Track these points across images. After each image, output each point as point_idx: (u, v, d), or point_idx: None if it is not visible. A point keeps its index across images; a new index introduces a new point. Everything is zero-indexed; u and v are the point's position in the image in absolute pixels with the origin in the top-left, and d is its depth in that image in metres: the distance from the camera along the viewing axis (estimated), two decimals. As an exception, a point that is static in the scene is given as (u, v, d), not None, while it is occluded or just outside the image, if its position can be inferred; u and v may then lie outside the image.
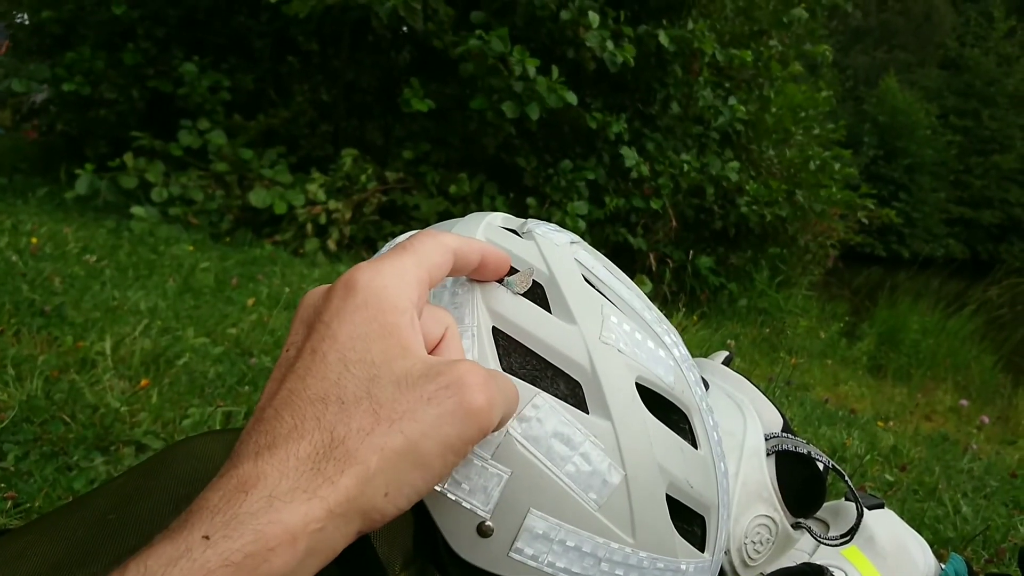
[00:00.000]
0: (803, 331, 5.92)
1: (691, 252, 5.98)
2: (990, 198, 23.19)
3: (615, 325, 0.48)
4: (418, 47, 5.77)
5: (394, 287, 0.33)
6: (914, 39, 30.65)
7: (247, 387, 1.79)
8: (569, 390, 0.45)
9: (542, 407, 0.43)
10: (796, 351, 5.26)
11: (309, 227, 4.77)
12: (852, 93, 25.63)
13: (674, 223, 5.84)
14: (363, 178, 5.12)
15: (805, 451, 0.76)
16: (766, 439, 0.79)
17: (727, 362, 0.93)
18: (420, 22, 4.74)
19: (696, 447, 0.50)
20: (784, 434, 0.80)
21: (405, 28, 5.25)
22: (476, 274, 0.43)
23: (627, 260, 5.87)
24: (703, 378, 0.87)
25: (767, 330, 5.70)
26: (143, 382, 1.63)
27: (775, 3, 5.99)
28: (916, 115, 21.23)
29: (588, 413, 0.44)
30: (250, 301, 2.69)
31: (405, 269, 0.34)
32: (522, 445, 0.42)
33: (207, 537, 0.25)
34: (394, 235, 5.34)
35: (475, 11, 5.07)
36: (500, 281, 0.44)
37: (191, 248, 3.91)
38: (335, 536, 0.29)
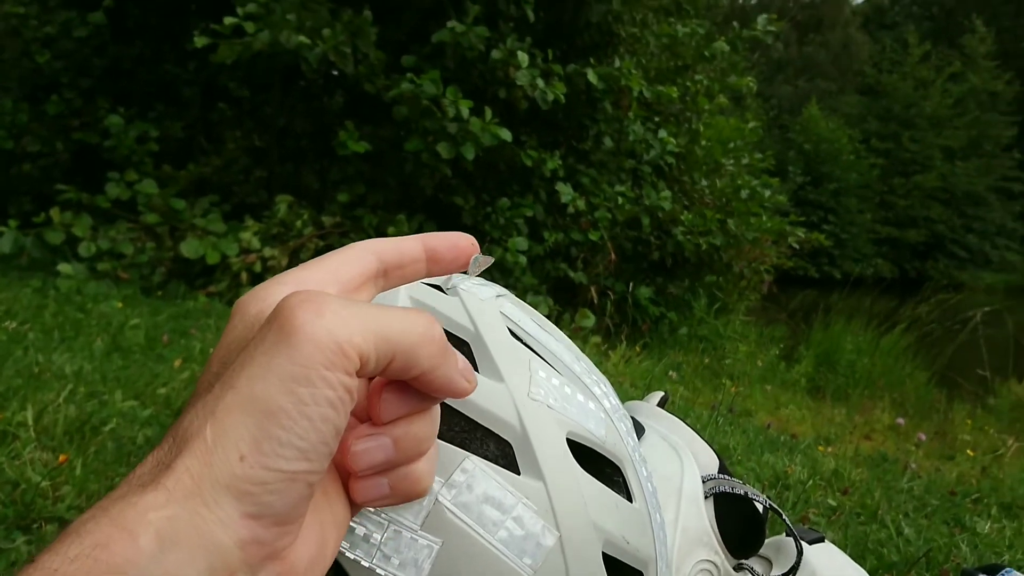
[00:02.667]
0: (743, 356, 6.03)
1: (631, 283, 6.06)
2: (914, 217, 24.13)
3: (544, 380, 0.47)
4: (350, 91, 5.77)
5: (340, 329, 0.29)
6: (833, 68, 31.99)
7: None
8: (500, 451, 0.44)
9: (471, 471, 0.42)
10: (737, 377, 5.34)
11: (244, 276, 4.68)
12: (777, 122, 26.51)
13: (613, 255, 5.91)
14: (299, 224, 5.06)
15: (742, 492, 0.77)
16: (703, 481, 0.79)
17: (663, 403, 0.93)
18: (351, 66, 4.75)
19: (631, 500, 0.49)
20: (721, 475, 0.81)
21: (336, 72, 5.25)
22: (435, 266, 0.41)
23: (569, 294, 5.91)
24: (639, 422, 0.87)
25: (708, 357, 5.78)
26: (61, 458, 1.56)
27: (698, 39, 6.17)
28: (839, 141, 22.05)
29: (519, 474, 0.44)
30: (177, 362, 2.61)
31: (356, 309, 0.30)
32: (452, 513, 0.41)
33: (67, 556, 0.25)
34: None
35: (406, 55, 5.10)
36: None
37: (120, 305, 3.79)
38: (196, 521, 0.26)
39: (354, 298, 0.37)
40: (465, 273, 0.42)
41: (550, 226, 5.66)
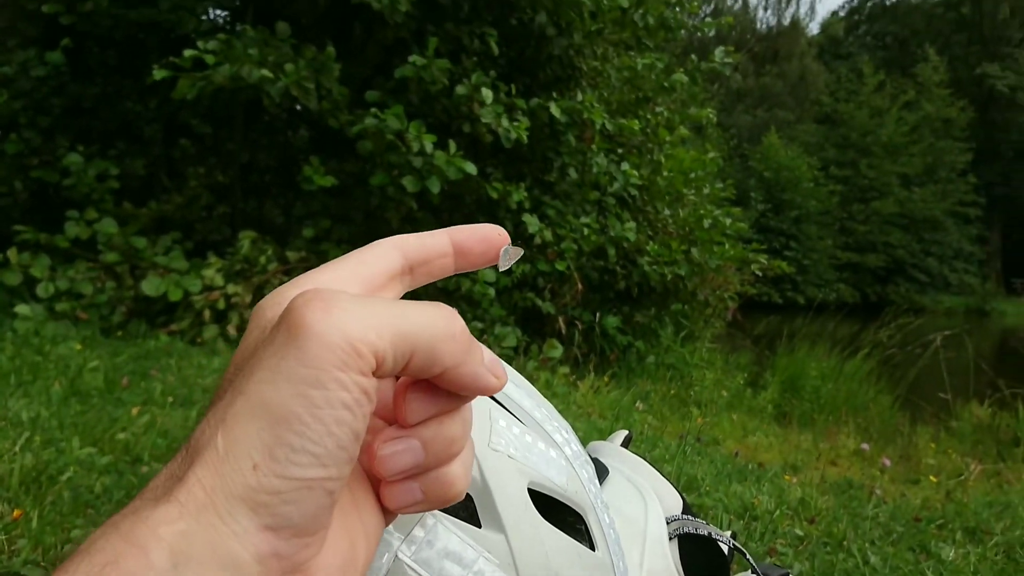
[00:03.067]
0: (710, 384, 6.06)
1: (598, 313, 6.08)
2: (874, 242, 24.64)
3: (504, 429, 0.47)
4: (315, 126, 5.78)
5: (352, 327, 0.27)
6: (791, 98, 32.73)
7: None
8: (460, 504, 0.44)
9: (432, 526, 0.42)
10: (705, 404, 5.37)
11: (207, 314, 4.62)
12: (738, 151, 27.00)
13: (580, 285, 5.94)
14: (263, 259, 5.02)
15: (706, 532, 0.77)
16: (668, 523, 0.79)
17: (627, 442, 0.93)
18: (314, 101, 4.76)
19: (594, 548, 0.49)
20: (684, 516, 0.81)
21: (300, 107, 5.26)
22: (463, 260, 0.39)
23: (537, 324, 5.93)
24: (603, 463, 0.87)
25: (675, 385, 5.80)
26: (15, 513, 1.51)
27: (657, 71, 6.29)
28: (799, 169, 22.52)
29: (481, 527, 0.43)
30: (134, 410, 2.55)
31: (370, 306, 0.29)
32: (412, 569, 0.41)
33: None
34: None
35: (369, 90, 5.13)
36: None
37: (79, 346, 3.71)
38: (210, 535, 0.25)
39: (383, 297, 0.35)
40: (496, 267, 0.42)
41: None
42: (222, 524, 0.25)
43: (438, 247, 0.37)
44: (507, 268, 0.40)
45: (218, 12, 6.65)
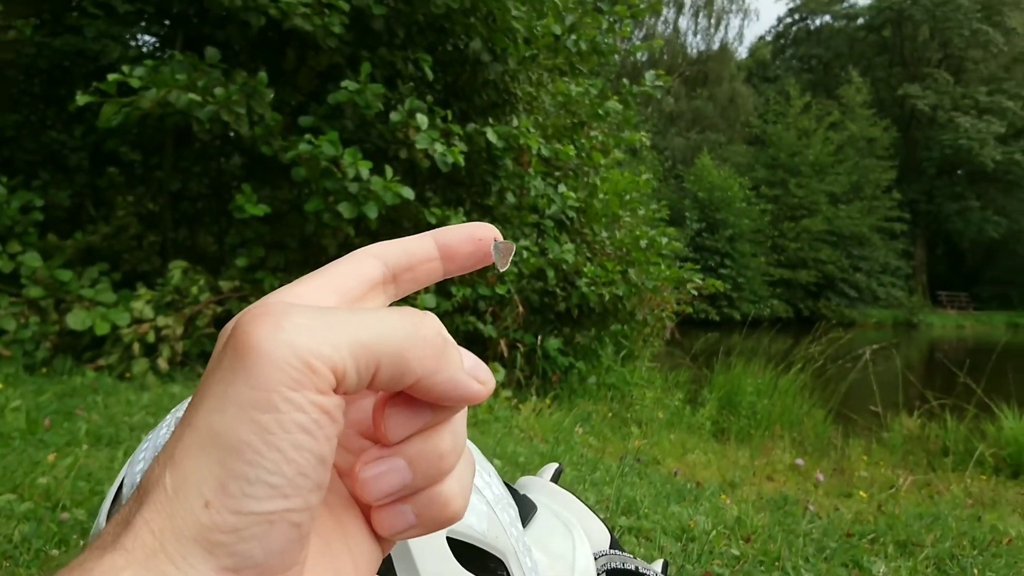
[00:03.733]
0: (650, 403, 6.13)
1: (539, 335, 6.11)
2: (804, 259, 25.36)
3: (422, 477, 0.47)
4: (248, 152, 5.69)
5: (304, 341, 0.25)
6: (722, 120, 33.60)
7: (57, 549, 1.60)
8: (376, 558, 0.43)
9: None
10: (645, 423, 5.42)
11: (136, 347, 4.48)
12: (672, 172, 27.59)
13: (521, 308, 5.96)
14: (194, 290, 4.90)
15: (633, 567, 0.77)
16: (596, 558, 0.80)
17: (557, 475, 0.94)
18: (245, 127, 4.69)
19: (515, 594, 0.49)
20: (613, 551, 0.81)
21: (232, 133, 5.18)
22: (452, 263, 0.37)
23: (479, 348, 5.92)
24: (531, 500, 0.87)
25: (616, 405, 5.85)
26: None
27: (591, 97, 6.39)
28: (731, 188, 23.08)
29: (397, 581, 0.43)
30: (50, 457, 2.44)
31: (323, 317, 0.26)
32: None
33: None
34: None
35: (304, 116, 5.08)
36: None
37: (1, 386, 3.56)
38: None
39: (358, 308, 0.32)
40: (494, 267, 0.40)
41: (457, 281, 5.68)
42: (174, 569, 0.23)
43: (423, 251, 0.35)
44: (506, 266, 0.38)
45: (146, 38, 6.54)
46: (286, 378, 0.24)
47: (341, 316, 0.26)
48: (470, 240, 0.36)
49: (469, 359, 0.29)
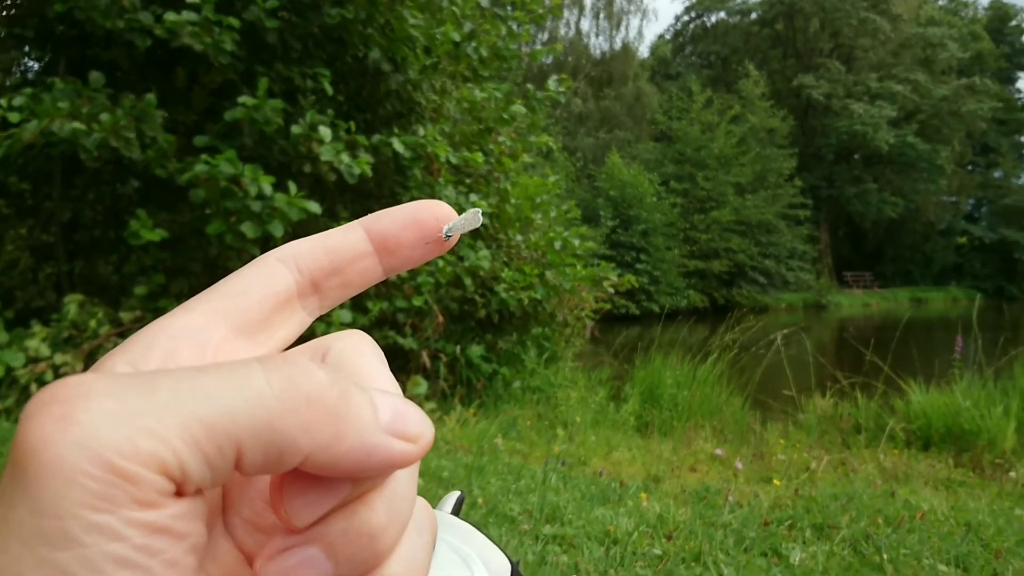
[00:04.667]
0: (575, 402, 6.17)
1: (461, 344, 6.07)
2: (716, 249, 26.06)
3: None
4: (143, 176, 5.47)
5: (108, 437, 0.17)
6: (629, 118, 34.24)
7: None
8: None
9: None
10: (570, 424, 5.44)
11: (34, 388, 4.24)
12: (584, 172, 27.95)
13: (440, 318, 5.90)
14: (92, 323, 4.67)
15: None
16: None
17: (459, 504, 0.90)
18: (136, 151, 4.50)
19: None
20: (513, 582, 0.78)
21: (127, 158, 4.96)
22: (392, 258, 0.30)
23: (401, 361, 5.84)
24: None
25: (541, 407, 5.87)
26: None
27: (496, 102, 6.38)
28: (641, 185, 23.53)
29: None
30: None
31: (139, 394, 0.18)
32: None
33: None
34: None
35: (199, 135, 4.91)
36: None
37: None
38: None
39: (263, 335, 0.26)
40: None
41: (373, 295, 5.58)
42: None
43: (350, 247, 0.29)
44: (457, 233, 0.30)
45: (29, 63, 6.21)
46: (85, 495, 0.17)
47: (171, 385, 0.18)
48: (413, 224, 0.29)
49: (387, 409, 0.21)
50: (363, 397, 0.20)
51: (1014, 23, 48.30)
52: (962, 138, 38.66)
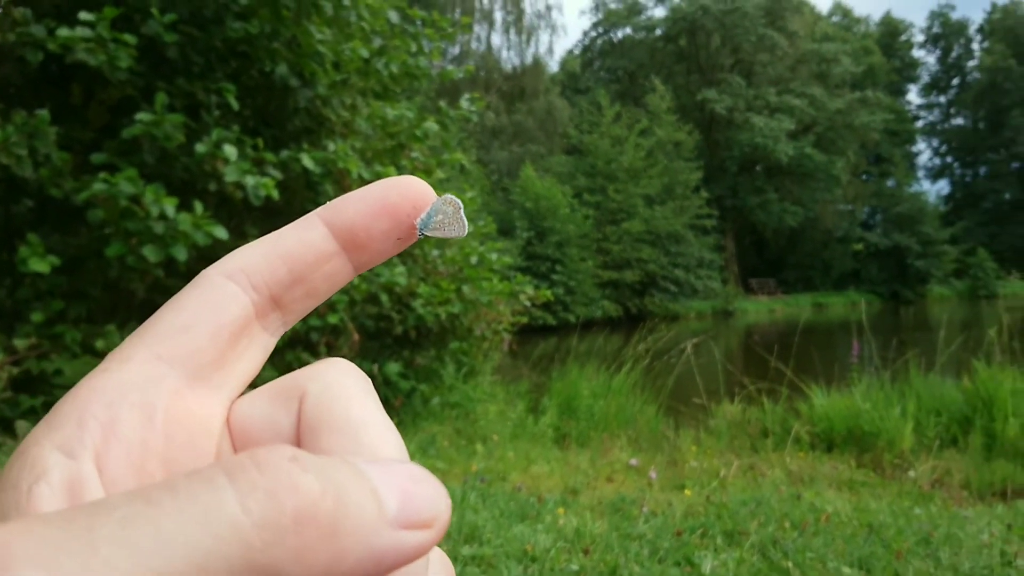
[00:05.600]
0: (494, 416, 6.18)
1: (378, 361, 6.01)
2: (628, 259, 26.59)
3: None
4: (37, 195, 5.21)
5: None
6: (541, 132, 34.63)
7: None
8: None
9: None
10: (489, 439, 5.45)
11: (-82, 424, 3.98)
12: (499, 185, 28.13)
13: (356, 336, 5.83)
14: (-14, 352, 4.42)
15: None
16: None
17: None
18: (29, 169, 4.29)
19: None
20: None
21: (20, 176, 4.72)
22: (363, 254, 0.26)
23: (314, 381, 5.73)
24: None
25: (461, 423, 5.86)
26: None
27: (409, 120, 6.37)
28: (555, 197, 23.82)
29: None
30: None
31: (69, 555, 0.14)
32: None
33: None
34: (35, 410, 4.67)
35: (96, 152, 4.71)
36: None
37: None
38: None
39: (220, 375, 0.23)
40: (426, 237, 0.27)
41: (283, 314, 5.47)
42: None
43: (312, 249, 0.25)
44: (463, 230, 0.28)
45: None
46: None
47: (112, 535, 0.14)
48: (384, 212, 0.25)
49: (393, 495, 0.17)
50: (362, 490, 0.16)
51: (904, 38, 51.31)
52: (856, 149, 40.69)
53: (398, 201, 0.26)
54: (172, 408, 0.22)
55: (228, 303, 0.24)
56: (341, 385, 0.23)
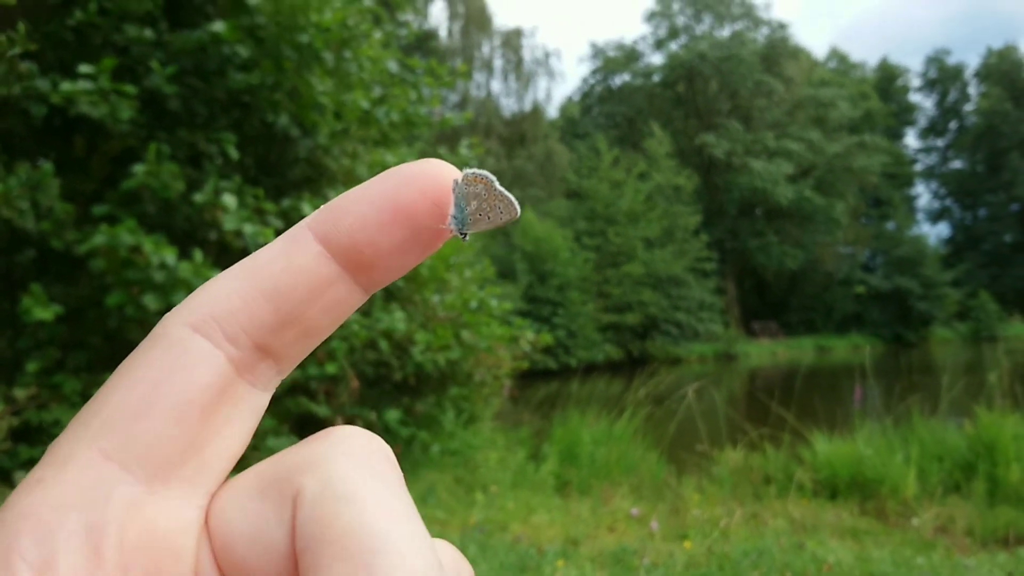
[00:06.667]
0: (494, 464, 6.12)
1: (377, 408, 5.97)
2: (629, 302, 26.58)
3: None
4: (39, 245, 5.24)
5: None
6: (541, 176, 34.93)
7: None
8: None
9: None
10: (489, 487, 5.39)
11: (-87, 476, 3.95)
12: (501, 230, 28.27)
13: (355, 383, 5.80)
14: (-16, 402, 4.40)
15: None
16: None
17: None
18: (31, 221, 4.33)
19: None
20: None
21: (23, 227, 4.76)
22: (373, 273, 0.20)
23: (315, 429, 5.66)
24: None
25: (461, 471, 5.80)
26: None
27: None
28: (555, 241, 23.93)
29: None
30: None
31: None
32: None
33: None
34: (34, 461, 4.63)
35: (98, 203, 4.76)
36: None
37: None
38: None
39: (192, 465, 0.18)
40: (463, 235, 0.23)
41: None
42: None
43: (305, 277, 0.19)
44: (517, 212, 0.23)
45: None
46: None
47: None
48: (396, 217, 0.20)
49: None
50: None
51: (900, 83, 51.98)
52: (856, 192, 40.94)
53: (415, 199, 0.20)
54: (128, 528, 0.17)
55: (196, 366, 0.18)
56: (345, 482, 0.17)
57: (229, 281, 0.20)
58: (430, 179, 0.20)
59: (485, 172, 0.24)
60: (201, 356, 0.19)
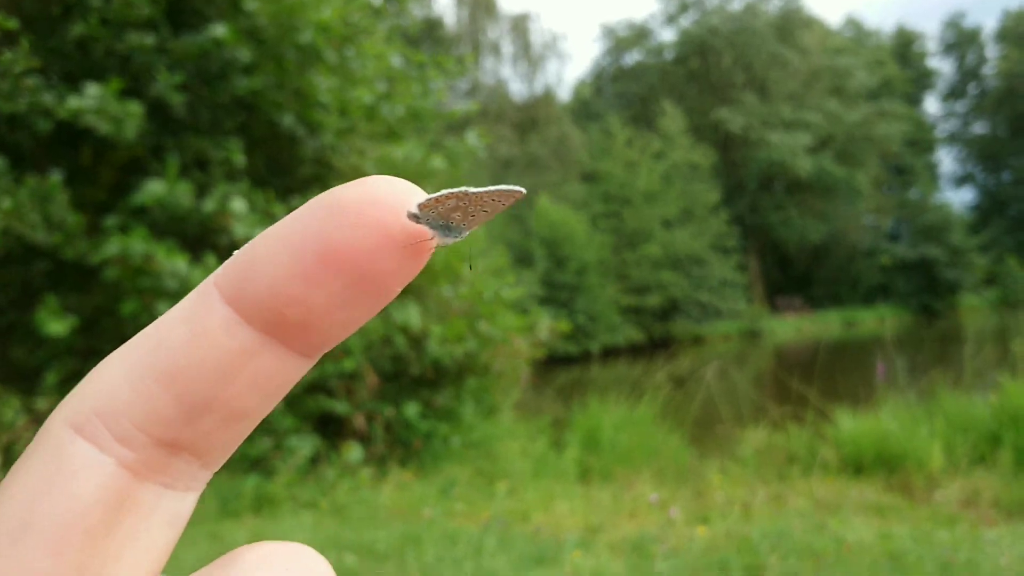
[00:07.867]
0: (515, 454, 6.10)
1: (396, 403, 5.98)
2: (649, 284, 26.44)
3: None
4: (53, 256, 5.30)
5: None
6: (555, 160, 34.78)
7: None
8: None
9: None
10: (511, 477, 5.38)
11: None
12: (516, 216, 28.21)
13: (373, 378, 5.82)
14: (9, 414, 4.47)
15: None
16: None
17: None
18: (42, 233, 4.37)
19: None
20: None
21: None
22: (310, 334, 0.17)
23: (335, 426, 5.72)
24: None
25: (482, 462, 5.79)
26: None
27: (415, 161, 6.40)
28: (572, 225, 23.83)
29: None
30: None
31: None
32: None
33: None
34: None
35: (109, 212, 4.79)
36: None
37: None
38: None
39: None
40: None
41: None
42: None
43: (214, 352, 0.16)
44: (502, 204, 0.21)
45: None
46: None
47: None
48: (324, 270, 0.16)
49: None
50: None
51: (917, 48, 51.09)
52: (877, 161, 40.32)
53: (350, 236, 0.15)
54: None
55: (78, 479, 0.15)
56: None
57: (119, 363, 0.17)
58: (369, 204, 0.15)
59: (450, 189, 0.21)
60: (83, 464, 0.16)
